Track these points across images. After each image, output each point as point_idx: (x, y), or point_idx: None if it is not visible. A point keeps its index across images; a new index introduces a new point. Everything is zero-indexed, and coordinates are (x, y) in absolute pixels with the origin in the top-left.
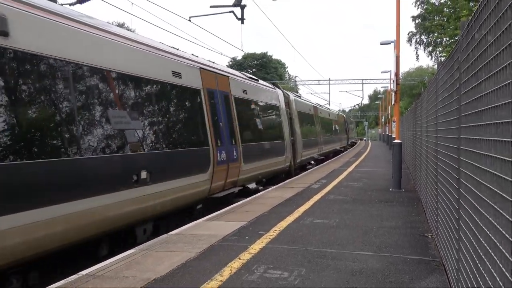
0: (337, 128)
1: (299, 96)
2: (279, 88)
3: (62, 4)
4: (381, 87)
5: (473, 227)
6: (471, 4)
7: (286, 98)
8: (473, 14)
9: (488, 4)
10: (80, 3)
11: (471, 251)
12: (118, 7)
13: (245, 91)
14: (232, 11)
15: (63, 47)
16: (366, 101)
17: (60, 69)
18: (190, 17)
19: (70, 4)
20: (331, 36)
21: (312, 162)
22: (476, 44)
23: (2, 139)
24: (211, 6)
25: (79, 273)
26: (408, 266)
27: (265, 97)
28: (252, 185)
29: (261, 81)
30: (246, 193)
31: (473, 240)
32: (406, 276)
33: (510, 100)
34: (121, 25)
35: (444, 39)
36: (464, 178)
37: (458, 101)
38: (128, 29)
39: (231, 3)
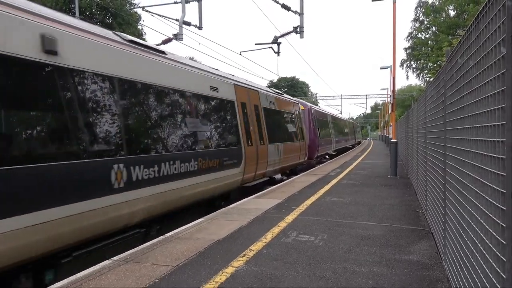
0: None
1: None
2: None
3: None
4: (380, 100)
5: (457, 205)
6: (450, 37)
7: None
8: (456, 44)
9: (469, 37)
10: (164, 43)
11: (456, 223)
12: (189, 45)
13: None
14: (271, 47)
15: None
16: (369, 111)
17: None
18: (240, 52)
19: (157, 45)
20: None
21: None
22: (459, 67)
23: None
24: (255, 44)
25: (165, 235)
26: (404, 233)
27: None
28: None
29: None
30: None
31: (457, 215)
32: (403, 240)
33: (488, 109)
34: (191, 59)
35: (429, 64)
36: (450, 168)
37: (444, 110)
38: (196, 61)
39: (270, 41)
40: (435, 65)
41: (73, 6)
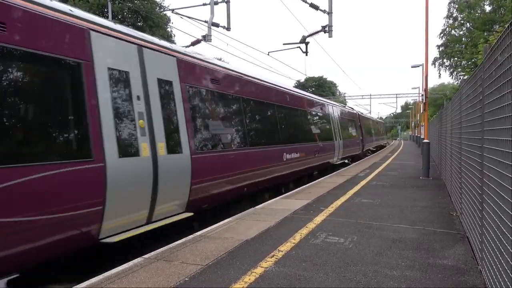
0: None
1: None
2: None
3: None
4: (411, 99)
5: (496, 208)
6: (485, 33)
7: None
8: (495, 41)
9: (511, 33)
10: (193, 45)
11: (494, 227)
12: (217, 46)
13: None
14: (299, 47)
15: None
16: (399, 110)
17: None
18: (268, 52)
19: (186, 46)
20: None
21: None
22: (498, 64)
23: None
24: (283, 44)
25: (194, 234)
26: (438, 237)
27: None
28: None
29: None
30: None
31: (496, 219)
32: (437, 244)
33: None
34: (219, 59)
35: (463, 62)
36: (487, 169)
37: (481, 110)
38: (223, 61)
39: (298, 41)
40: (470, 62)
41: (106, 10)
